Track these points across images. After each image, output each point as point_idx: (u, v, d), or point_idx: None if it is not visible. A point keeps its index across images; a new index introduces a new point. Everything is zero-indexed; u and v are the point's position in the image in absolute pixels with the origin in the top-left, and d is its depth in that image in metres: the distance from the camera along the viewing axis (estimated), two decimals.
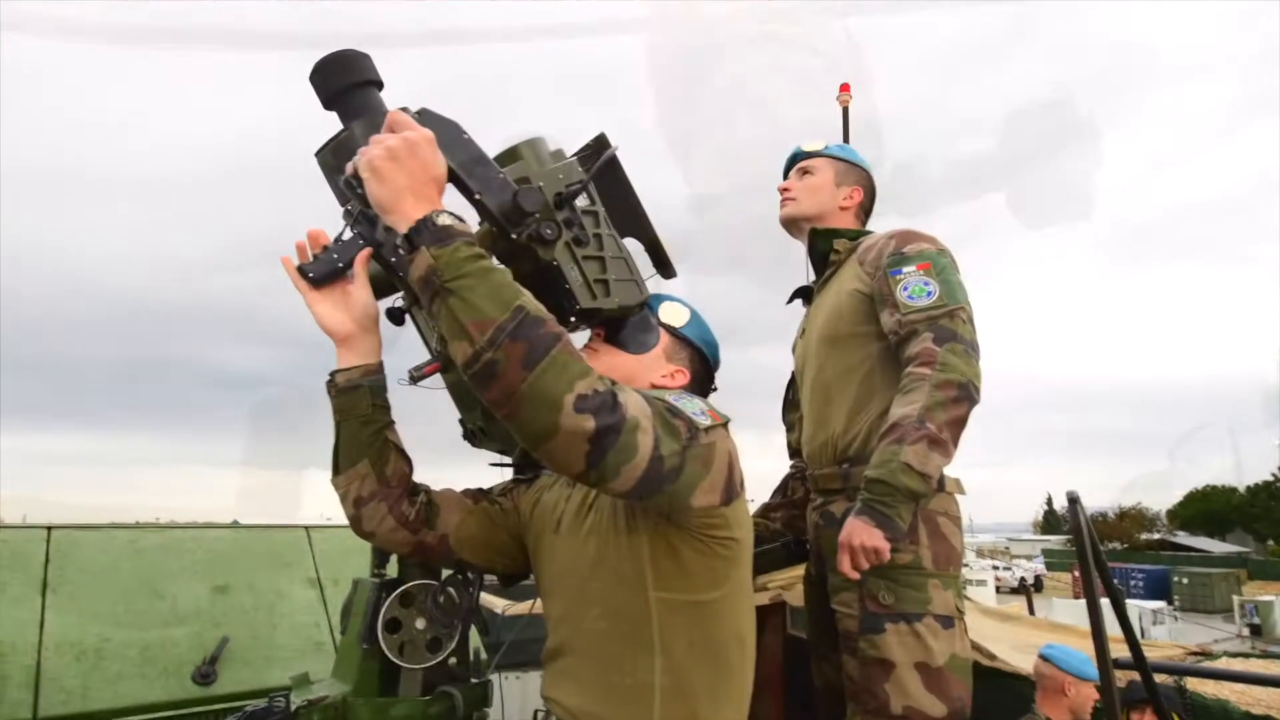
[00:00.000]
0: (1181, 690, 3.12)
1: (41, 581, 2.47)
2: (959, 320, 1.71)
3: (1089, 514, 1.79)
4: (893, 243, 1.87)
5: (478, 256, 1.00)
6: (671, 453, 1.01)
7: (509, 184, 1.20)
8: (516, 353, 0.94)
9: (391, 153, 1.05)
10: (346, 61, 1.45)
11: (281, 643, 2.68)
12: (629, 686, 1.09)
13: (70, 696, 2.24)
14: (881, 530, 1.57)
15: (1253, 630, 20.85)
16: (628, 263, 1.40)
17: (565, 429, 0.94)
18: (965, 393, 1.63)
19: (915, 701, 1.64)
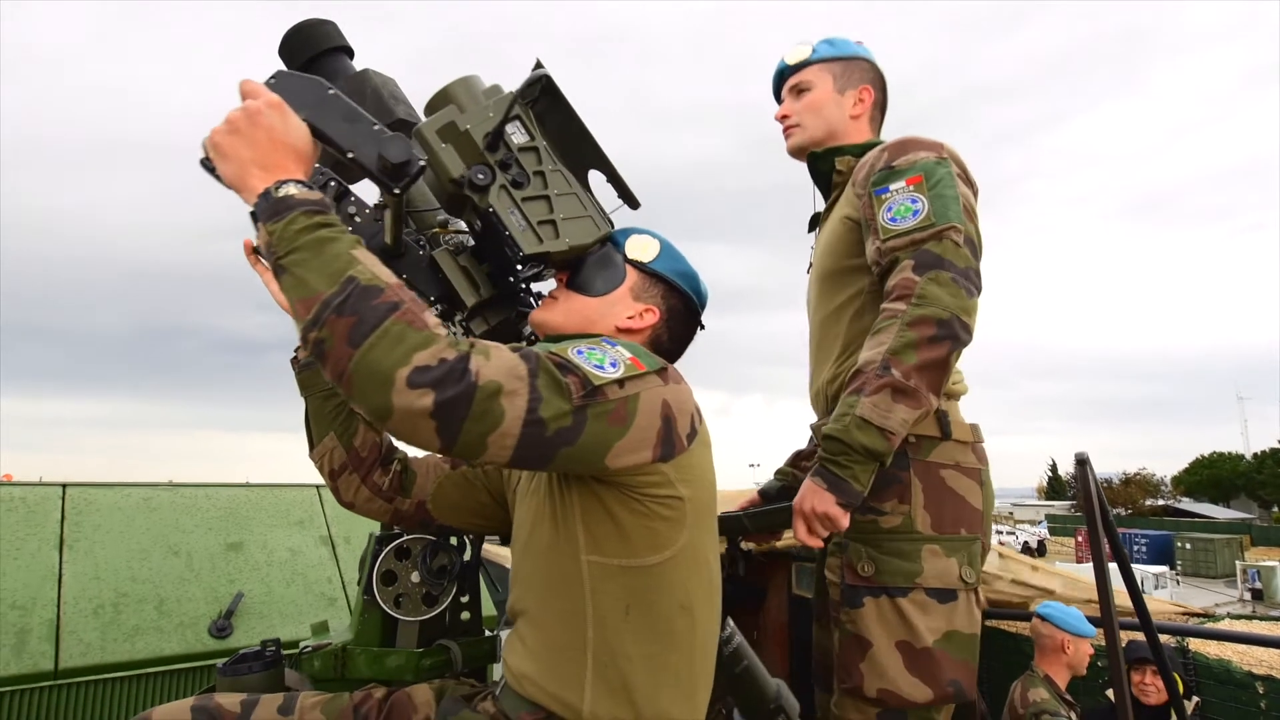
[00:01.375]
0: (1183, 650, 3.15)
1: (58, 538, 2.51)
2: (947, 243, 1.42)
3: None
4: (884, 155, 1.57)
5: (315, 226, 0.92)
6: (557, 414, 0.92)
7: (378, 136, 1.09)
8: (342, 328, 0.85)
9: (231, 125, 0.98)
10: (308, 32, 1.41)
11: (294, 598, 2.73)
12: (562, 651, 1.04)
13: (89, 649, 2.29)
14: (834, 494, 1.36)
15: (1254, 595, 21.02)
16: (579, 198, 1.28)
17: (399, 407, 0.84)
18: (947, 330, 1.36)
19: (892, 684, 1.45)
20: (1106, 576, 1.81)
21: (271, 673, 1.32)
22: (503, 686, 1.12)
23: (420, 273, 1.33)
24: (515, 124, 1.24)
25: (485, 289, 1.33)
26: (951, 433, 1.54)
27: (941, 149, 1.54)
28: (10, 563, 2.37)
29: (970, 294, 1.40)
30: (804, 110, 1.76)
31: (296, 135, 1.01)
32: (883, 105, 1.81)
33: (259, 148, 0.98)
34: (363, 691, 1.18)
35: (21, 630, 2.24)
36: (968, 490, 1.53)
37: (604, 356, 1.01)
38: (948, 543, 1.50)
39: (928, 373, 1.36)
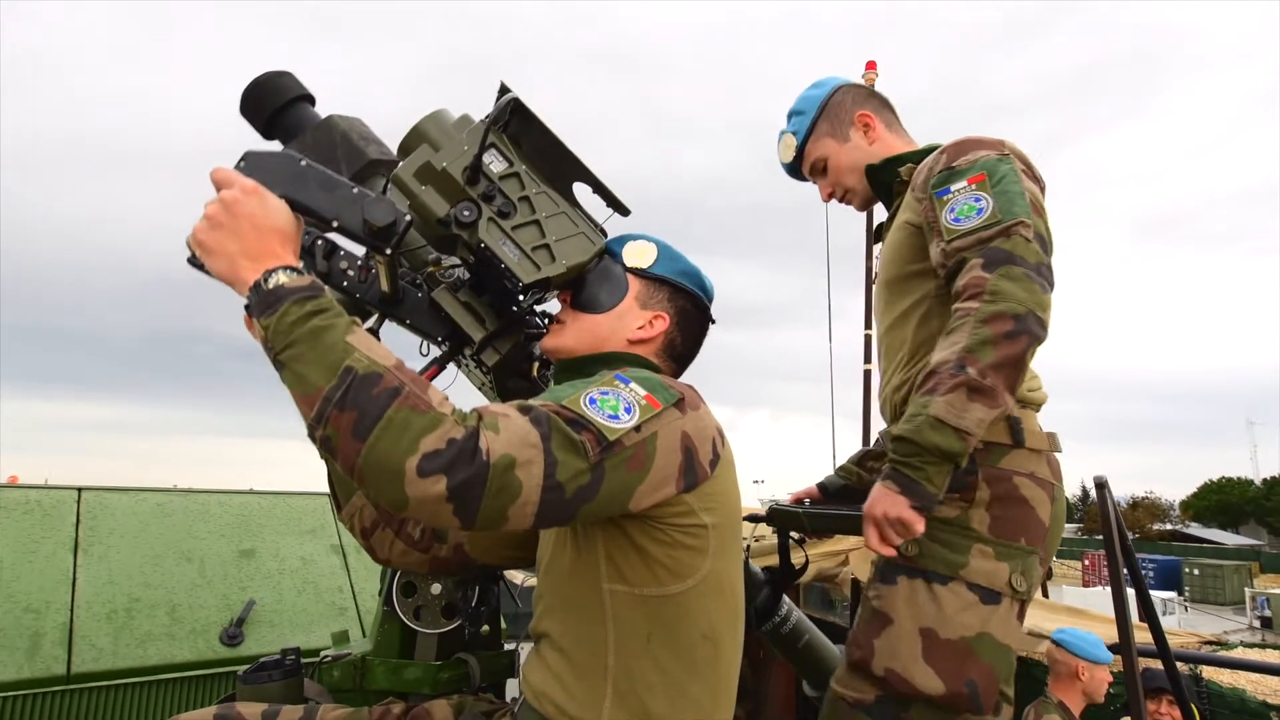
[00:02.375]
0: (1197, 679, 3.12)
1: (73, 541, 2.52)
2: (1017, 238, 1.37)
3: None
4: (944, 157, 1.52)
5: (308, 316, 0.89)
6: (575, 474, 0.90)
7: (360, 200, 1.06)
8: (345, 424, 0.83)
9: (212, 221, 0.96)
10: (268, 87, 1.40)
11: (305, 607, 2.73)
12: (582, 675, 1.03)
13: (102, 654, 2.29)
14: (907, 498, 1.30)
15: (1263, 623, 20.77)
16: (569, 216, 1.25)
17: (413, 498, 0.83)
18: (1023, 325, 1.30)
19: (903, 668, 1.37)
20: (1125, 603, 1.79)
21: (291, 681, 1.33)
22: (521, 703, 1.11)
23: (423, 315, 1.31)
24: (492, 152, 1.22)
25: (490, 321, 1.30)
26: (1024, 440, 1.47)
27: (1003, 146, 1.50)
28: (25, 566, 2.37)
29: (1044, 289, 1.35)
30: (838, 179, 1.74)
31: (278, 217, 0.99)
32: (889, 106, 1.77)
33: (244, 238, 0.95)
34: (381, 706, 1.18)
35: (35, 634, 2.25)
36: (1037, 502, 1.46)
37: (618, 402, 0.98)
38: (1002, 547, 1.42)
39: (1005, 370, 1.29)
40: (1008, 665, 1.42)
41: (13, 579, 2.32)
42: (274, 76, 1.43)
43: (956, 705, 1.37)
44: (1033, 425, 1.52)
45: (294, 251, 0.99)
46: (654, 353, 1.26)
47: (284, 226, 0.99)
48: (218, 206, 0.96)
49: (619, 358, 1.23)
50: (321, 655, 1.44)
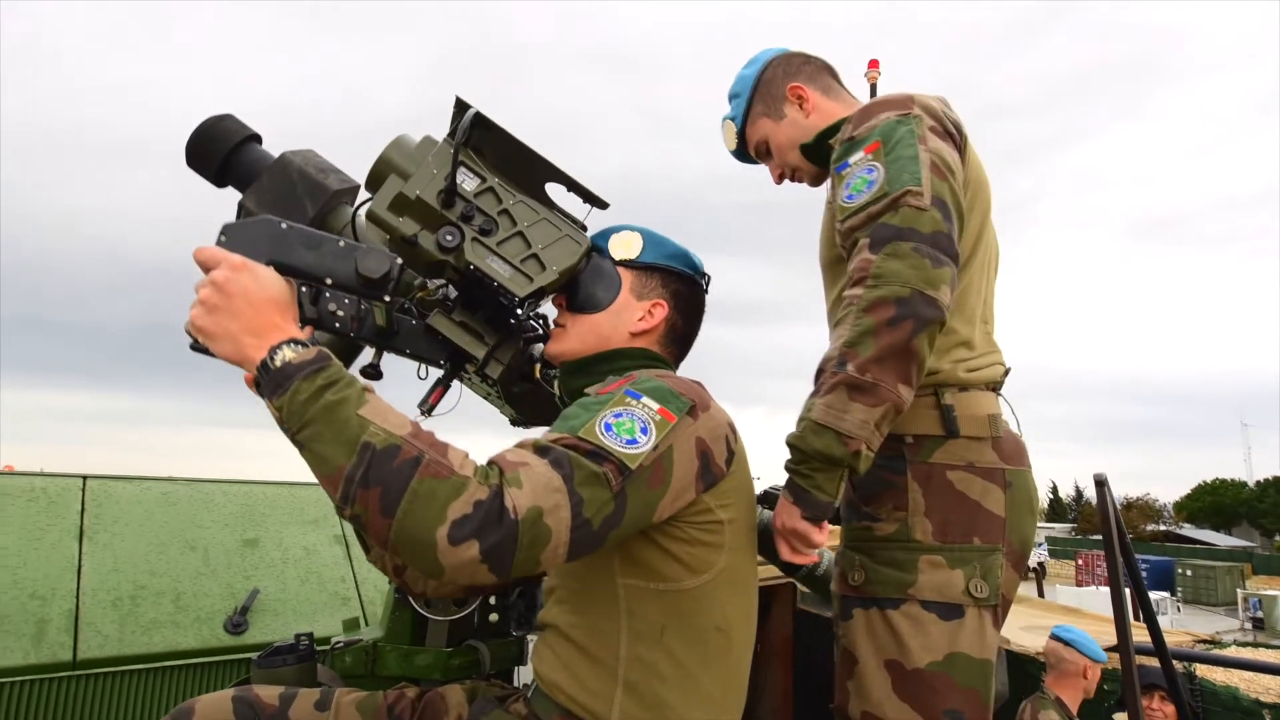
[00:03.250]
0: (1190, 677, 3.15)
1: (78, 529, 2.53)
2: (905, 209, 1.23)
3: (1095, 503, 1.74)
4: (848, 126, 1.39)
5: (319, 392, 0.88)
6: (600, 506, 0.91)
7: (349, 254, 1.04)
8: (372, 501, 0.83)
9: (207, 305, 0.94)
10: (212, 133, 1.36)
11: (309, 597, 2.74)
12: (594, 665, 1.05)
13: (107, 641, 2.31)
14: (799, 508, 1.21)
15: (1255, 624, 20.90)
16: (550, 221, 1.24)
17: (448, 565, 0.83)
18: (907, 309, 1.17)
19: (876, 708, 1.28)
20: (1123, 600, 1.82)
21: (305, 666, 1.34)
22: (534, 690, 1.13)
23: (420, 342, 1.29)
24: (462, 171, 1.21)
25: (489, 335, 1.30)
26: (959, 429, 1.33)
27: (909, 103, 1.35)
28: (31, 553, 2.38)
29: (938, 262, 1.20)
30: (783, 159, 1.62)
31: (272, 287, 0.97)
32: (826, 70, 1.63)
33: (242, 316, 0.94)
34: (396, 690, 1.20)
35: (41, 620, 2.26)
36: (983, 494, 1.32)
37: (634, 424, 0.98)
38: (953, 553, 1.30)
39: (889, 363, 1.17)
40: (988, 676, 1.31)
41: (19, 565, 2.33)
42: (215, 122, 1.38)
43: None
44: (972, 409, 1.37)
45: (294, 317, 0.98)
46: (657, 340, 1.27)
47: (279, 296, 0.97)
48: (210, 290, 0.94)
49: (624, 354, 1.24)
50: (333, 641, 1.45)
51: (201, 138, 1.38)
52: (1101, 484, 1.87)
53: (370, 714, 1.14)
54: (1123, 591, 1.76)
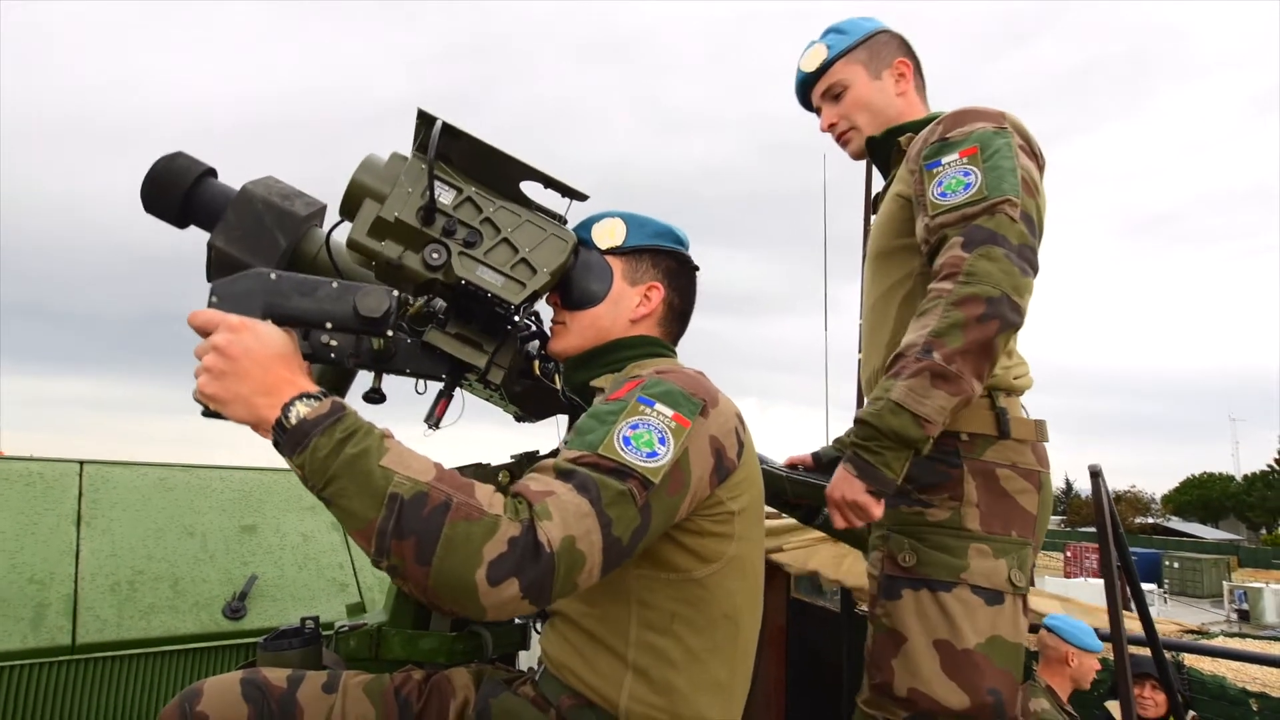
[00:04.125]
0: (1179, 666, 3.20)
1: (76, 514, 2.53)
2: (1001, 217, 1.30)
3: (1084, 495, 1.74)
4: (939, 128, 1.46)
5: (338, 446, 0.87)
6: (628, 522, 0.93)
7: (344, 295, 1.02)
8: (407, 551, 0.84)
9: (213, 372, 0.93)
10: (167, 172, 1.34)
11: (307, 582, 2.75)
12: (603, 651, 1.07)
13: (106, 625, 2.31)
14: (864, 481, 1.28)
15: (1241, 615, 21.13)
16: (534, 222, 1.22)
17: (490, 606, 0.84)
18: (995, 310, 1.25)
19: (925, 685, 1.34)
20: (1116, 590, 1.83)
21: (311, 649, 1.35)
22: (542, 672, 1.14)
23: (419, 359, 1.28)
24: (438, 184, 1.18)
25: (487, 343, 1.28)
26: (1010, 431, 1.43)
27: (1003, 119, 1.43)
28: (29, 538, 2.38)
29: (1025, 272, 1.29)
30: (851, 111, 1.63)
31: (274, 343, 0.96)
32: (920, 70, 1.67)
33: (250, 378, 0.93)
34: (403, 673, 1.21)
35: (39, 604, 2.26)
36: (1022, 493, 1.43)
37: (652, 435, 0.98)
38: (997, 543, 1.39)
39: (972, 356, 1.25)
40: (1020, 659, 1.40)
41: (17, 550, 2.32)
42: (167, 164, 1.35)
43: (982, 716, 1.35)
44: (1018, 414, 1.49)
45: (301, 368, 0.98)
46: (657, 323, 1.28)
47: (283, 350, 0.96)
48: (214, 356, 0.93)
49: (625, 344, 1.25)
50: (338, 625, 1.46)
51: (155, 182, 1.34)
52: (1096, 475, 1.88)
53: (377, 696, 1.15)
54: (1116, 582, 1.78)
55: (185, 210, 1.35)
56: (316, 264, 1.42)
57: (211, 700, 1.08)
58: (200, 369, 0.94)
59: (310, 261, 1.42)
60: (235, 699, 1.09)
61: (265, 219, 1.33)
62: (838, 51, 1.63)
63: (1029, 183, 1.38)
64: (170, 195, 1.35)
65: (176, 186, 1.34)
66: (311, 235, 1.42)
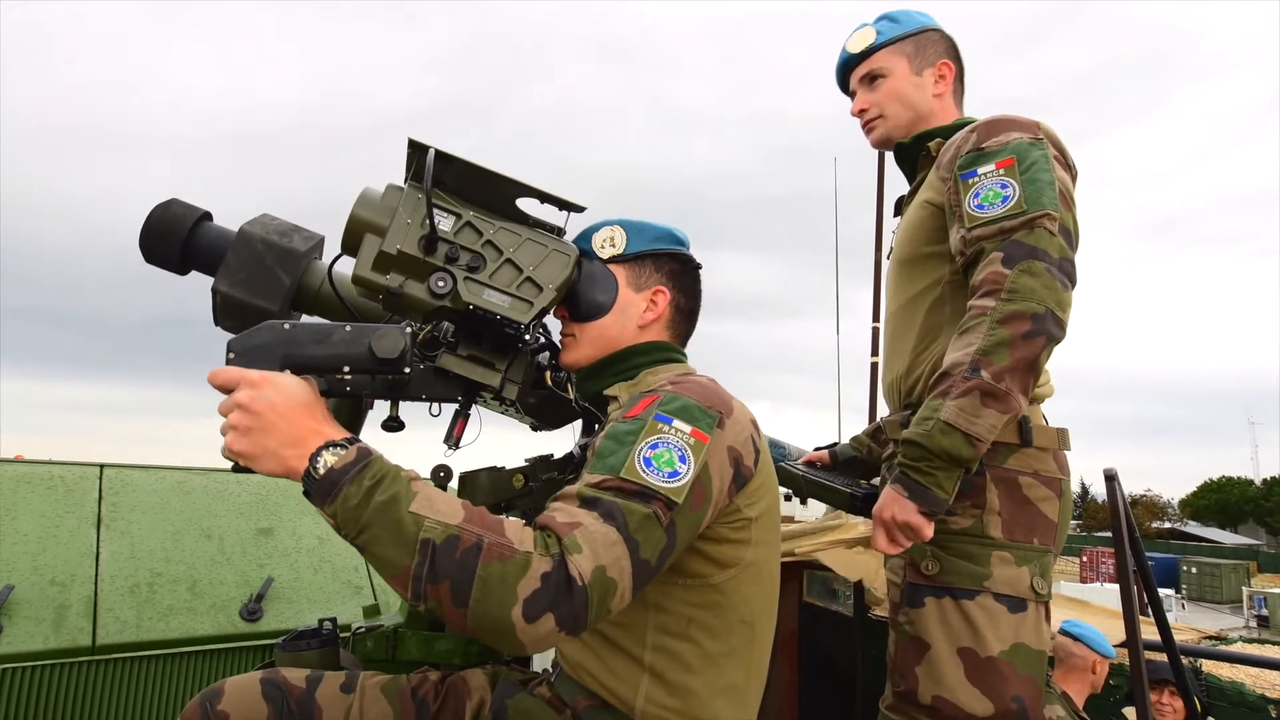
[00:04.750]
0: (1197, 672, 3.16)
1: (96, 517, 2.56)
2: (1041, 231, 1.30)
3: (1100, 500, 1.72)
4: (974, 136, 1.44)
5: (368, 494, 0.88)
6: (655, 543, 0.94)
7: (358, 339, 1.03)
8: (444, 594, 0.86)
9: (239, 430, 0.94)
10: (162, 222, 1.34)
11: (322, 585, 2.77)
12: (620, 654, 1.08)
13: (125, 627, 2.34)
14: (915, 503, 1.28)
15: (1260, 621, 20.86)
16: (534, 240, 1.23)
17: (528, 642, 0.86)
18: (1041, 326, 1.25)
19: (949, 692, 1.35)
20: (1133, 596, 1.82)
21: (328, 650, 1.37)
22: (558, 673, 1.15)
23: (433, 385, 1.27)
24: (436, 211, 1.19)
25: (499, 362, 1.29)
26: (1032, 439, 1.43)
27: (1038, 129, 1.42)
28: (50, 540, 2.42)
29: (1066, 286, 1.30)
30: (884, 100, 1.62)
31: (297, 393, 0.97)
32: (962, 76, 1.67)
33: (276, 432, 0.93)
34: (419, 674, 1.22)
35: (61, 606, 2.29)
36: (1044, 500, 1.43)
37: (672, 455, 0.99)
38: (1019, 551, 1.40)
39: (1020, 374, 1.26)
40: (1043, 667, 1.41)
41: (39, 552, 2.36)
42: (163, 212, 1.35)
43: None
44: (1040, 422, 1.49)
45: (325, 416, 0.98)
46: (665, 326, 1.28)
47: (305, 400, 0.97)
48: (239, 413, 0.94)
49: (636, 351, 1.25)
50: (355, 627, 1.48)
51: (152, 232, 1.34)
52: (1112, 479, 1.87)
53: (394, 696, 1.16)
54: (1132, 587, 1.77)
55: (185, 258, 1.35)
56: (320, 297, 1.43)
57: (232, 699, 1.10)
58: (226, 426, 0.95)
59: (314, 295, 1.43)
60: (255, 698, 1.10)
61: (266, 258, 1.34)
62: (886, 39, 1.63)
63: (1066, 195, 1.37)
64: (169, 244, 1.35)
65: (174, 235, 1.34)
66: (313, 269, 1.42)
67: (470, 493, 1.41)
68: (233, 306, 1.32)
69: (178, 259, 1.35)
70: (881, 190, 6.55)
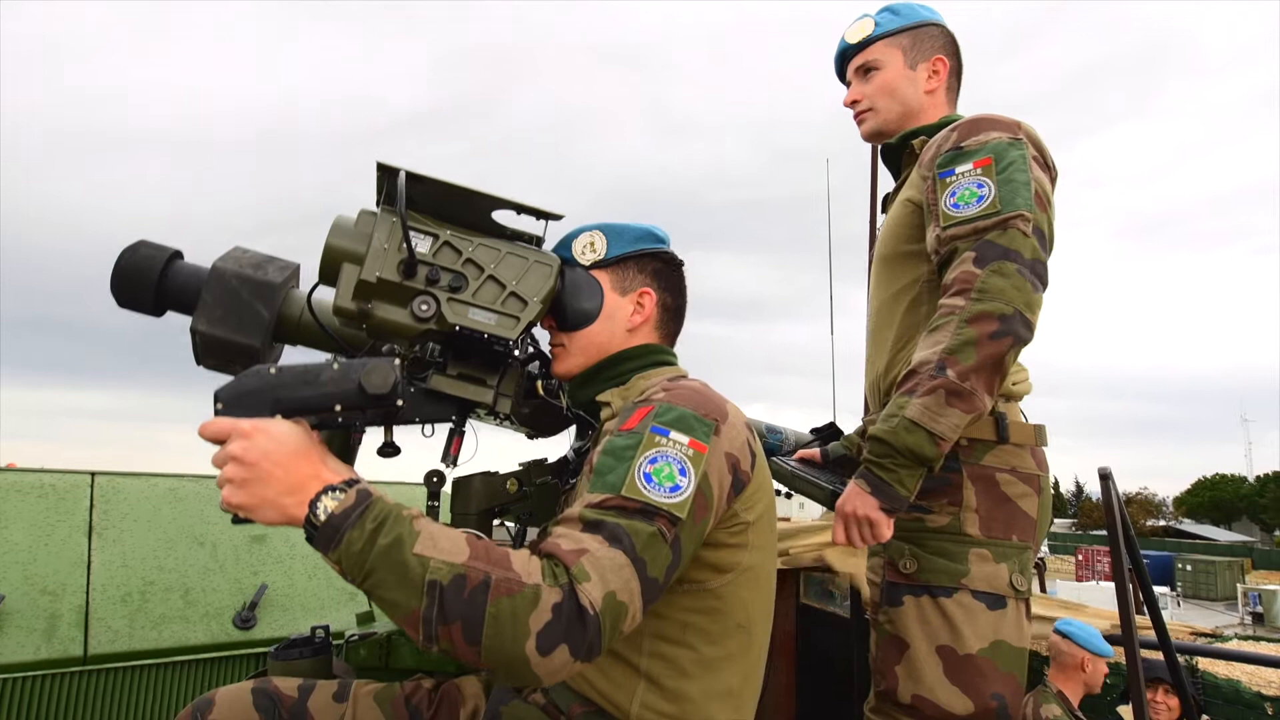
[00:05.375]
0: (1193, 670, 3.17)
1: (87, 525, 2.54)
2: (1015, 232, 1.30)
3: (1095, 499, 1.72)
4: (954, 135, 1.44)
5: (371, 538, 0.87)
6: (661, 561, 0.94)
7: (347, 376, 1.01)
8: (456, 635, 0.85)
9: (236, 482, 0.91)
10: (131, 271, 1.32)
11: (316, 592, 2.76)
12: (616, 660, 1.07)
13: (117, 636, 2.32)
14: (877, 499, 1.28)
15: (1255, 618, 20.95)
16: (514, 253, 1.21)
17: (545, 675, 0.85)
18: (1008, 327, 1.25)
19: (928, 691, 1.35)
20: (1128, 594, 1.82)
21: (321, 659, 1.36)
22: None
23: (425, 407, 1.25)
24: (412, 234, 1.16)
25: (490, 378, 1.27)
26: (1009, 436, 1.43)
27: (1018, 129, 1.42)
28: (41, 549, 2.40)
29: (1036, 288, 1.30)
30: (875, 93, 1.63)
31: (290, 439, 0.94)
32: (958, 72, 1.66)
33: (274, 480, 0.91)
34: (413, 682, 1.21)
35: (52, 615, 2.27)
36: (1022, 497, 1.43)
37: (672, 468, 0.98)
38: (997, 547, 1.40)
39: (985, 373, 1.26)
40: (1024, 664, 1.40)
41: (30, 561, 2.34)
42: (132, 255, 1.33)
43: (987, 718, 1.35)
44: (1017, 418, 1.49)
45: (321, 459, 0.96)
46: (654, 327, 1.27)
47: (299, 445, 0.95)
48: (233, 466, 0.92)
49: (626, 355, 1.25)
50: (348, 635, 1.47)
51: (123, 276, 1.32)
52: (1106, 477, 1.87)
53: (387, 705, 1.15)
54: (1127, 585, 1.77)
55: (159, 300, 1.33)
56: (302, 326, 1.41)
57: (223, 710, 1.09)
58: (222, 479, 0.93)
59: (295, 325, 1.41)
60: (247, 708, 1.10)
61: (243, 293, 1.32)
62: (883, 30, 1.62)
63: (1042, 196, 1.38)
64: (141, 288, 1.32)
65: (146, 277, 1.31)
66: (291, 298, 1.40)
67: (464, 498, 1.40)
68: (214, 345, 1.29)
69: (151, 302, 1.33)
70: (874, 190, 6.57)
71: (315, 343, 1.46)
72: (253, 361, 1.27)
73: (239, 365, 1.30)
